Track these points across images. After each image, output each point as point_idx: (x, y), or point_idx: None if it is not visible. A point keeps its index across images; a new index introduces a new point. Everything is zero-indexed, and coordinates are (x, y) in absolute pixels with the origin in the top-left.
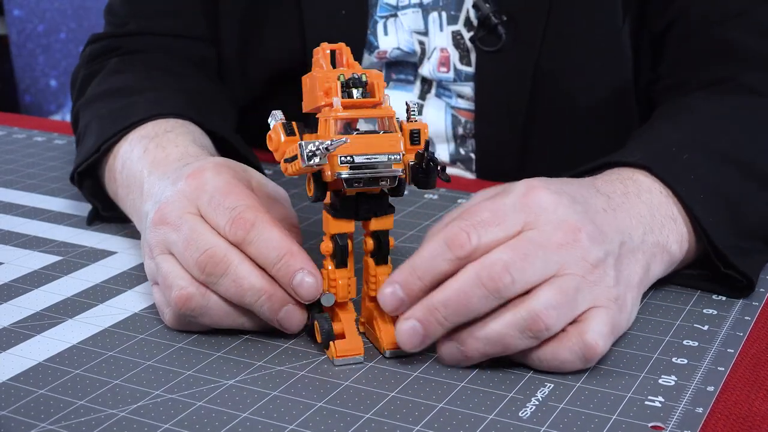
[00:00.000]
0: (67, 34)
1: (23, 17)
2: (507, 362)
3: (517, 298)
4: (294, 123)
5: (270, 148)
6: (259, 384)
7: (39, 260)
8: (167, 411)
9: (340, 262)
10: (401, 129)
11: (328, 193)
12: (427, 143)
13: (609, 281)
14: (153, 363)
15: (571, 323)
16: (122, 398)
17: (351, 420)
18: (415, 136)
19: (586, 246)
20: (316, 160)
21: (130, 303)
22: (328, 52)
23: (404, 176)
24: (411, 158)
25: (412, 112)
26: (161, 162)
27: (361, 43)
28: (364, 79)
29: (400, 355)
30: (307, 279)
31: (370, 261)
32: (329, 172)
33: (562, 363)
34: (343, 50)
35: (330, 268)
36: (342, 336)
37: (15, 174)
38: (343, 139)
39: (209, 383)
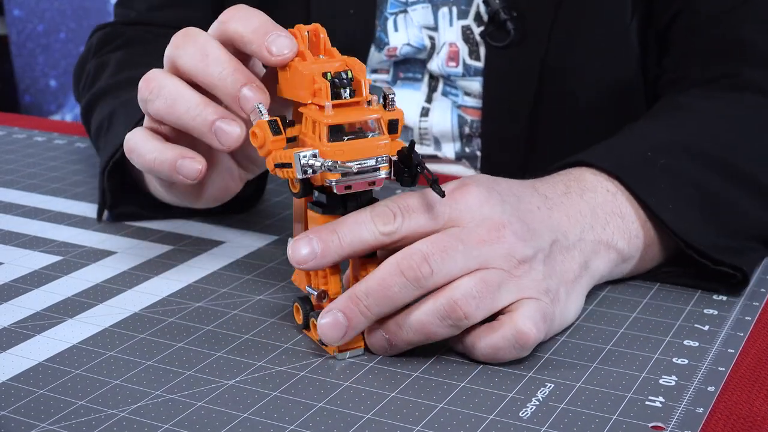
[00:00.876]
0: (67, 34)
1: (23, 17)
2: (507, 363)
3: (439, 288)
4: (278, 119)
5: (253, 144)
6: (260, 384)
7: (39, 260)
8: (167, 411)
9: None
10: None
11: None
12: (413, 144)
13: (537, 275)
14: (153, 363)
15: (502, 313)
16: (122, 398)
17: (351, 420)
18: (393, 126)
19: (511, 242)
20: (310, 172)
21: (130, 303)
22: (306, 34)
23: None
24: (391, 151)
25: (390, 102)
26: None
27: (369, 41)
28: (350, 76)
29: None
30: (251, 89)
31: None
32: (319, 177)
33: (496, 351)
34: (320, 32)
35: None
36: None
37: (15, 174)
38: (351, 168)
39: (209, 383)
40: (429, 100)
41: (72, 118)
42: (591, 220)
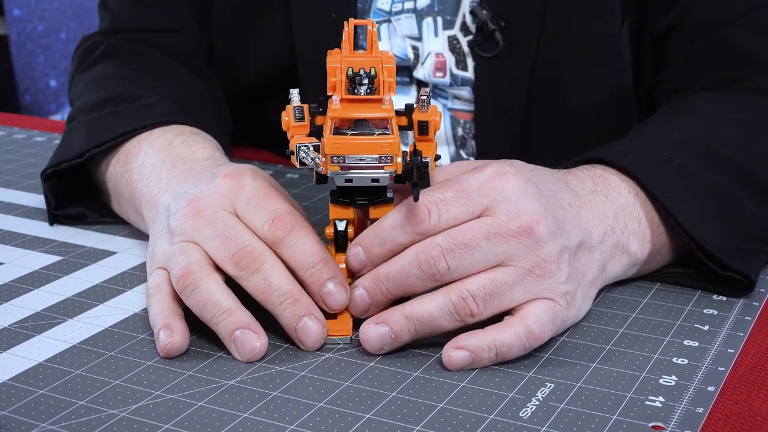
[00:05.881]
0: (67, 34)
1: (23, 17)
2: (507, 362)
3: (452, 282)
4: (306, 107)
5: (283, 128)
6: (260, 384)
7: (39, 260)
8: (167, 411)
9: (340, 246)
10: (411, 117)
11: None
12: (419, 154)
13: (560, 277)
14: (153, 363)
15: (513, 312)
16: (122, 398)
17: (351, 420)
18: (423, 127)
19: (541, 239)
20: (305, 165)
21: (130, 303)
22: (353, 28)
23: (399, 173)
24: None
25: (423, 103)
26: (187, 158)
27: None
28: (373, 73)
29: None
30: (337, 290)
31: None
32: (323, 168)
33: (509, 349)
34: (369, 28)
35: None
36: (334, 317)
37: (15, 174)
38: (347, 162)
39: (209, 383)
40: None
41: None
42: (613, 222)
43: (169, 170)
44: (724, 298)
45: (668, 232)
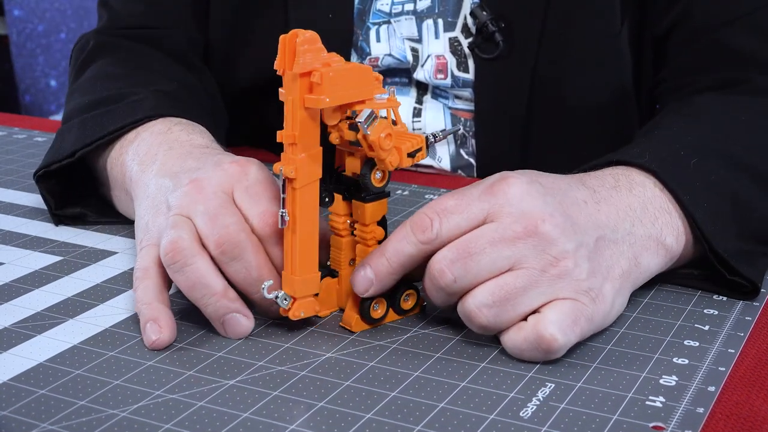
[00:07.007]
0: (67, 34)
1: (23, 17)
2: (508, 362)
3: (465, 294)
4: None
5: (385, 146)
6: (260, 384)
7: (39, 260)
8: (168, 411)
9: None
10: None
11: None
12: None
13: (580, 273)
14: (154, 363)
15: (532, 314)
16: (123, 398)
17: (351, 420)
18: None
19: (550, 238)
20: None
21: (130, 303)
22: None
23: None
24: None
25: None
26: (185, 143)
27: (347, 46)
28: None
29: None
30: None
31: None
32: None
33: (520, 352)
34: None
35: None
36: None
37: (15, 174)
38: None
39: (210, 383)
40: (420, 101)
41: None
42: (640, 214)
43: (166, 151)
44: (725, 299)
45: (691, 229)
